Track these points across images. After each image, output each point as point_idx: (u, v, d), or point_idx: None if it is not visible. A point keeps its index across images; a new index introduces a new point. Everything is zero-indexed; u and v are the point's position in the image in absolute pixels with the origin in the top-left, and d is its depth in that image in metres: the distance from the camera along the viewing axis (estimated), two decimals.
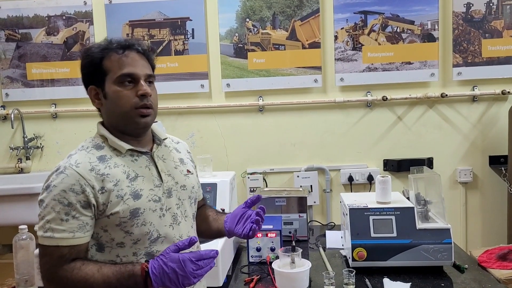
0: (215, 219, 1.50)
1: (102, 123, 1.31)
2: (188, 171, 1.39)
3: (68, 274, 1.14)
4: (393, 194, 1.93)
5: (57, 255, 1.15)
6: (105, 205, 1.18)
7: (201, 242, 1.49)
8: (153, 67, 1.32)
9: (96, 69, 1.24)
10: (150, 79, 1.28)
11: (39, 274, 1.20)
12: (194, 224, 1.40)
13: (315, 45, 2.73)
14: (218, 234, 1.48)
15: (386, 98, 2.69)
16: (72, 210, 1.15)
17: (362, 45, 2.72)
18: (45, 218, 1.17)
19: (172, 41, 2.78)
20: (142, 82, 1.23)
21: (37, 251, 1.87)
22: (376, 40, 2.71)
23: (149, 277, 1.13)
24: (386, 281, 1.67)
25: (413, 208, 1.81)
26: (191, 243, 1.18)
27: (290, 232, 2.14)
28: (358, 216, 1.81)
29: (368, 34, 2.72)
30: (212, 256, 1.17)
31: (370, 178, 2.74)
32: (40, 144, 2.90)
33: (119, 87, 1.22)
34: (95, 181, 1.17)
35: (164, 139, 1.38)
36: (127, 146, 1.25)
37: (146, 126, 1.27)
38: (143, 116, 1.23)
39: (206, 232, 1.50)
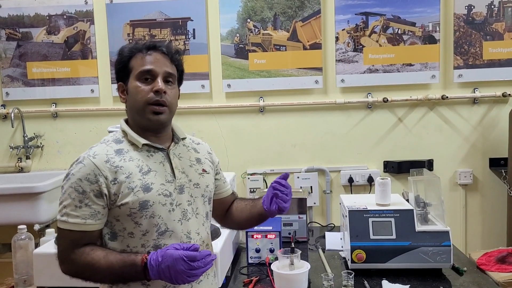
0: (253, 205, 1.52)
1: (126, 120, 1.38)
2: (203, 170, 1.43)
3: (78, 257, 1.22)
4: (392, 196, 1.93)
5: (70, 239, 1.23)
6: (117, 196, 1.23)
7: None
8: (178, 69, 1.38)
9: (124, 66, 1.33)
10: (169, 78, 1.33)
11: (56, 255, 1.27)
12: (207, 223, 1.42)
13: (316, 46, 2.73)
14: (261, 218, 1.49)
15: (387, 100, 2.69)
16: (85, 198, 1.22)
17: (363, 46, 2.72)
18: (63, 203, 1.24)
19: (173, 41, 2.77)
20: (159, 79, 1.29)
21: (36, 250, 1.88)
22: (377, 41, 2.71)
23: (147, 268, 1.17)
24: (385, 283, 1.67)
25: (412, 210, 1.81)
26: (192, 249, 1.19)
27: (289, 233, 2.14)
28: (358, 218, 1.81)
29: (369, 36, 2.71)
30: (205, 256, 1.18)
31: (370, 180, 2.74)
32: (40, 143, 2.90)
33: (139, 82, 1.29)
34: (109, 172, 1.24)
35: (183, 139, 1.43)
36: (143, 141, 1.30)
37: (159, 123, 1.31)
38: (155, 113, 1.29)
39: (248, 220, 1.53)
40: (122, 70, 1.33)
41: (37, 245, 2.02)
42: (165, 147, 1.36)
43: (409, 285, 1.65)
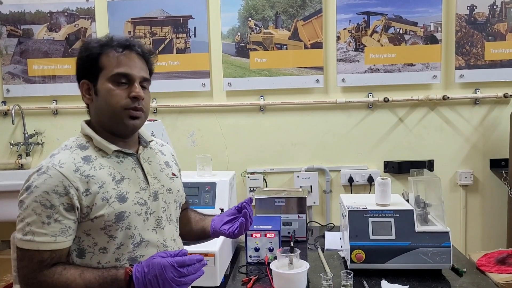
0: (198, 220, 1.48)
1: (88, 122, 1.28)
2: (173, 174, 1.37)
3: (49, 279, 1.10)
4: (392, 196, 1.93)
5: (37, 260, 1.10)
6: (89, 208, 1.13)
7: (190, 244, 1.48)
8: (150, 72, 1.29)
9: (92, 64, 1.20)
10: (144, 83, 1.24)
11: (17, 278, 1.16)
12: (178, 228, 1.37)
13: (317, 45, 2.73)
14: (201, 235, 1.45)
15: (388, 100, 2.69)
16: (54, 213, 1.10)
17: (365, 46, 2.71)
18: (25, 220, 1.11)
19: (174, 39, 2.77)
20: (136, 84, 1.20)
21: None
22: (378, 41, 2.70)
23: (132, 282, 1.09)
24: (384, 283, 1.66)
25: (412, 210, 1.80)
26: (180, 254, 1.13)
27: (289, 233, 2.14)
28: (357, 218, 1.81)
29: (371, 35, 2.71)
30: (196, 261, 1.11)
31: (370, 180, 2.74)
32: (41, 140, 2.90)
33: (113, 85, 1.19)
34: (80, 182, 1.13)
35: (150, 141, 1.35)
36: (113, 147, 1.21)
37: (135, 128, 1.24)
38: (132, 117, 1.20)
39: (189, 234, 1.47)
40: (89, 67, 1.21)
41: None
42: (134, 151, 1.27)
43: (408, 286, 1.64)
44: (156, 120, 2.27)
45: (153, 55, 1.29)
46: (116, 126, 1.21)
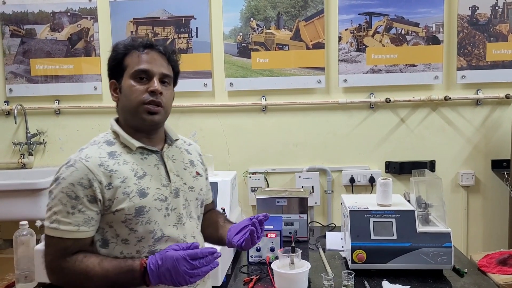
0: (221, 226, 1.48)
1: (117, 120, 1.34)
2: (197, 173, 1.40)
3: (70, 265, 1.16)
4: (394, 197, 1.93)
5: (61, 247, 1.17)
6: (111, 201, 1.19)
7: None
8: (174, 70, 1.34)
9: (118, 64, 1.28)
10: (165, 79, 1.29)
11: (43, 264, 1.21)
12: (199, 225, 1.40)
13: (319, 45, 2.73)
14: (220, 242, 1.45)
15: (389, 100, 2.69)
16: (78, 204, 1.17)
17: (366, 46, 2.71)
18: (52, 209, 1.18)
19: (176, 39, 2.78)
20: (155, 79, 1.26)
21: (37, 246, 1.89)
22: (380, 41, 2.71)
23: (146, 273, 1.13)
24: (385, 283, 1.67)
25: (413, 211, 1.81)
26: (192, 247, 1.16)
27: (290, 233, 2.14)
28: (359, 218, 1.81)
29: (373, 36, 2.71)
30: (209, 254, 1.14)
31: (372, 180, 2.74)
32: (43, 140, 2.91)
33: (134, 81, 1.25)
34: (103, 176, 1.19)
35: (176, 140, 1.40)
36: (137, 144, 1.27)
37: (153, 123, 1.27)
38: (150, 113, 1.25)
39: (210, 237, 1.48)
40: (116, 67, 1.29)
41: (38, 241, 2.02)
42: (158, 149, 1.32)
43: (409, 286, 1.64)
44: None
45: (176, 54, 1.34)
46: (136, 121, 1.26)
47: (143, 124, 1.27)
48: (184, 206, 1.32)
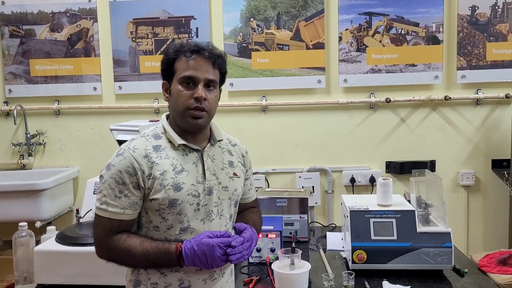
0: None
1: (167, 116, 1.43)
2: (234, 173, 1.45)
3: (115, 243, 1.29)
4: (394, 197, 1.93)
5: (108, 226, 1.30)
6: (150, 190, 1.30)
7: None
8: (221, 73, 1.40)
9: (168, 67, 1.37)
10: (211, 84, 1.36)
11: (92, 239, 1.35)
12: (229, 224, 1.44)
13: (319, 45, 2.73)
14: None
15: (390, 100, 2.69)
16: (125, 189, 1.29)
17: (366, 46, 2.71)
18: (102, 192, 1.30)
19: (176, 39, 2.77)
20: (200, 85, 1.33)
21: (37, 247, 1.88)
22: (380, 41, 2.70)
23: (182, 256, 1.26)
24: (385, 284, 1.66)
25: (414, 211, 1.80)
26: (226, 236, 1.29)
27: (290, 233, 2.14)
28: (359, 218, 1.81)
29: (373, 36, 2.71)
30: (240, 243, 1.27)
31: (372, 180, 2.74)
32: (43, 140, 2.91)
33: (181, 86, 1.34)
34: (146, 167, 1.30)
35: (220, 141, 1.46)
36: (179, 141, 1.36)
37: (198, 127, 1.36)
38: (195, 117, 1.33)
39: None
40: (166, 70, 1.38)
41: (38, 242, 2.02)
42: (201, 147, 1.40)
43: (409, 286, 1.64)
44: (158, 120, 2.26)
45: (221, 58, 1.39)
46: (182, 123, 1.36)
47: (188, 127, 1.36)
48: (216, 204, 1.38)
